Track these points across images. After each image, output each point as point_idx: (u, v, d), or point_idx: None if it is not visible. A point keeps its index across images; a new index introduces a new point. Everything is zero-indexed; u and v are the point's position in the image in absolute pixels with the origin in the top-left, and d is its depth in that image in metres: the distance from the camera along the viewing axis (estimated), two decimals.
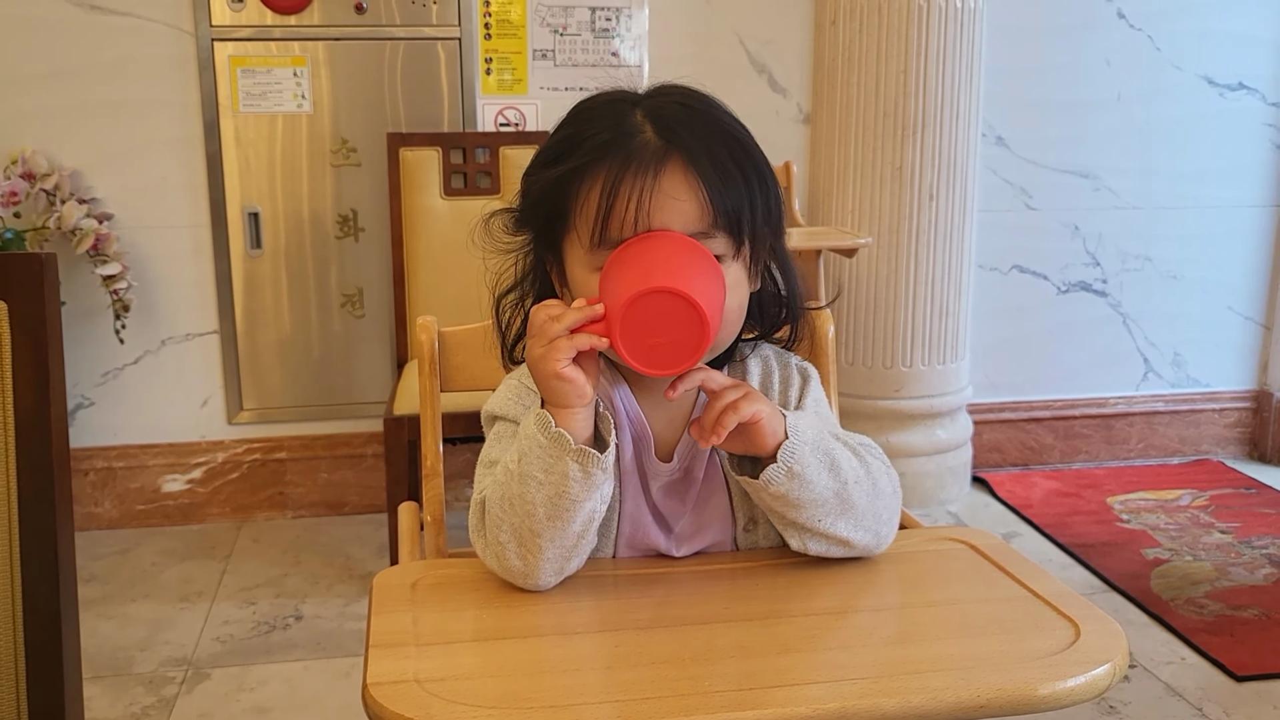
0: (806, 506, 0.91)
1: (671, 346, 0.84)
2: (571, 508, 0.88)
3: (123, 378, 2.87)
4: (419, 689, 0.72)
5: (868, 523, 0.93)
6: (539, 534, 0.89)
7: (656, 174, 0.90)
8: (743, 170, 0.94)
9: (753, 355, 1.05)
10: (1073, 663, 0.75)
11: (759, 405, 0.89)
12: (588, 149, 0.93)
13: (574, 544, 0.90)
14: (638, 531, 0.99)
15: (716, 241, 0.92)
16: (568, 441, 0.88)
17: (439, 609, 0.85)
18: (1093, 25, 3.14)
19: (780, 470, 0.90)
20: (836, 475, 0.92)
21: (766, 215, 0.96)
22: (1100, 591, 2.63)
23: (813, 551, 0.94)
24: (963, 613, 0.86)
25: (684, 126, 0.94)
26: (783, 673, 0.75)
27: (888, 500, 0.95)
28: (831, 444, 0.93)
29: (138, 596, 2.58)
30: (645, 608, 0.89)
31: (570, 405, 0.88)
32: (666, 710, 0.70)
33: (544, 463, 0.88)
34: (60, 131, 2.73)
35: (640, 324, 0.84)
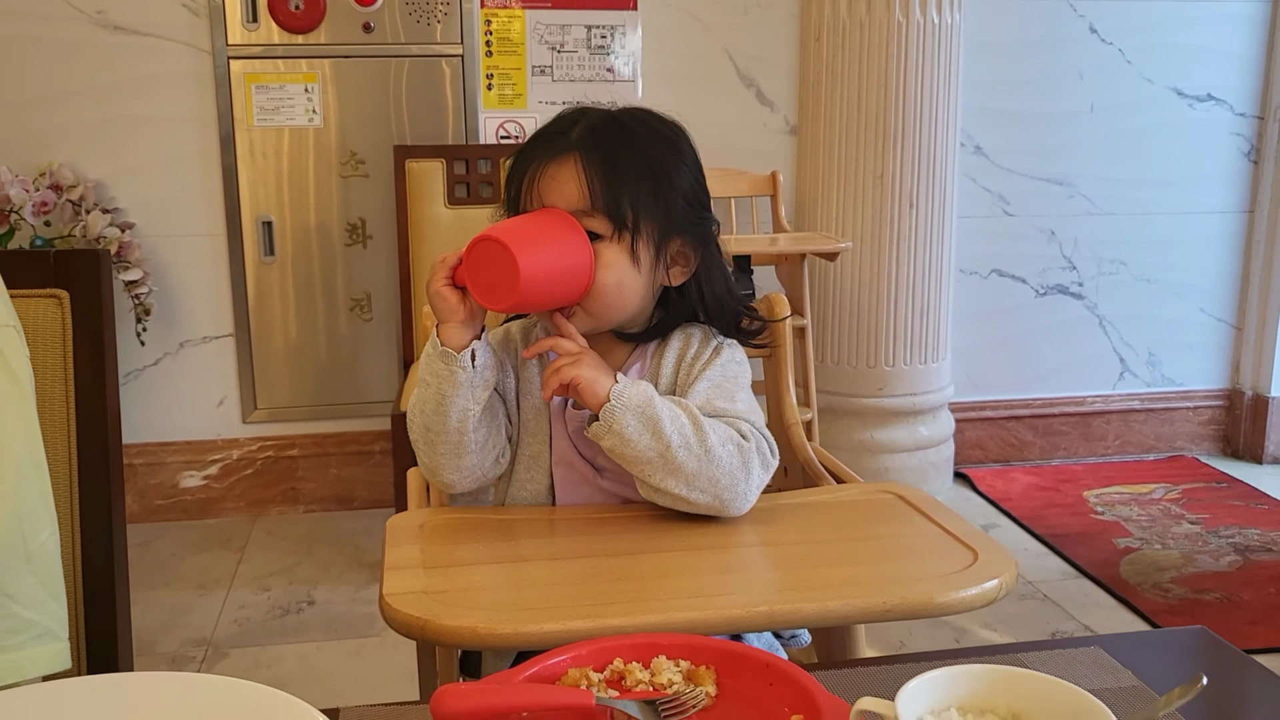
0: (633, 462, 1.08)
1: (497, 285, 1.06)
2: (445, 402, 1.10)
3: (143, 378, 3.02)
4: (426, 598, 0.88)
5: (701, 484, 1.07)
6: (430, 428, 1.12)
7: (550, 161, 1.13)
8: (635, 171, 1.13)
9: (679, 332, 1.22)
10: (968, 579, 0.91)
11: (581, 370, 1.08)
12: (533, 141, 1.17)
13: (457, 440, 1.12)
14: (565, 458, 1.19)
15: (595, 221, 1.12)
16: (438, 345, 1.10)
17: (443, 542, 1.01)
18: (1066, 40, 3.29)
19: (602, 427, 1.08)
20: (658, 438, 1.06)
21: (655, 212, 1.14)
22: (1071, 578, 2.77)
23: (657, 503, 1.10)
24: (882, 545, 1.02)
25: (598, 133, 1.14)
26: (724, 586, 0.92)
27: (726, 469, 1.07)
28: (660, 411, 1.08)
29: (158, 585, 2.73)
30: (616, 541, 1.05)
31: (446, 319, 1.10)
32: (629, 611, 0.86)
33: (428, 366, 1.11)
34: (85, 146, 2.88)
35: (478, 264, 1.07)
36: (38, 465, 0.95)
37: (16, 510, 0.90)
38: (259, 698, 0.71)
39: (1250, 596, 2.62)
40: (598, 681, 0.79)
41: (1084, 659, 0.85)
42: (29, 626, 0.91)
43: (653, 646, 0.82)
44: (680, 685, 0.79)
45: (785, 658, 1.06)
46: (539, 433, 1.19)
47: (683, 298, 1.19)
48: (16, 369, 0.95)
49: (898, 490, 1.13)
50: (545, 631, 0.84)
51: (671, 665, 0.80)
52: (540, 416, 1.19)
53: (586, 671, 0.79)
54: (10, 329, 0.96)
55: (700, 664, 0.81)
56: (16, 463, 0.91)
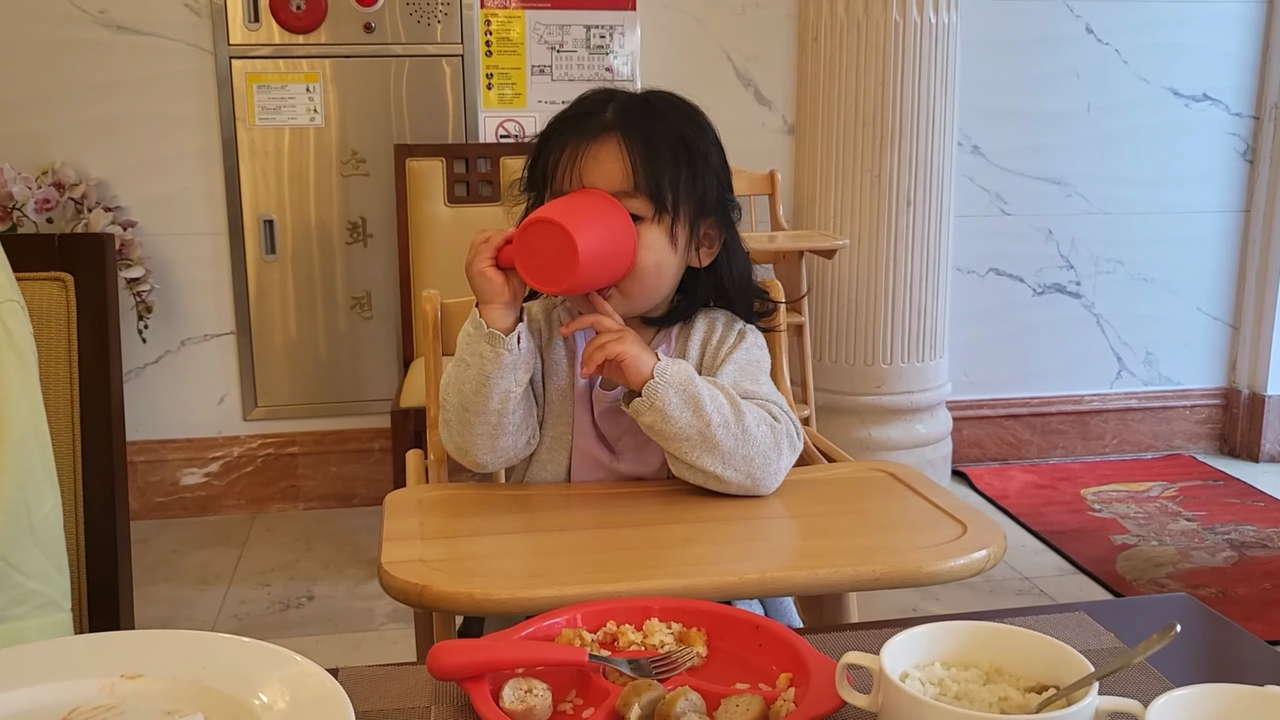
0: (672, 439, 1.09)
1: (551, 267, 1.05)
2: (487, 384, 1.10)
3: (144, 376, 3.04)
4: (424, 566, 0.90)
5: (736, 462, 1.09)
6: (468, 409, 1.11)
7: (592, 141, 1.13)
8: (673, 153, 1.14)
9: (703, 316, 1.24)
10: (956, 550, 0.93)
11: (626, 347, 1.09)
12: (564, 121, 1.16)
13: (497, 421, 1.12)
14: (585, 444, 1.19)
15: (636, 202, 1.12)
16: (484, 326, 1.09)
17: (441, 516, 1.03)
18: (1063, 40, 3.32)
19: (644, 403, 1.08)
20: (699, 415, 1.08)
21: (692, 193, 1.15)
22: (1068, 573, 2.78)
23: (691, 481, 1.11)
24: (873, 518, 1.04)
25: (634, 113, 1.15)
26: (717, 555, 0.94)
27: (760, 448, 1.10)
28: (701, 389, 1.10)
29: (159, 580, 2.74)
30: (610, 514, 1.07)
31: (490, 300, 1.10)
32: (623, 577, 0.88)
33: (470, 347, 1.11)
34: (88, 144, 2.91)
35: (531, 246, 1.06)
36: (41, 438, 0.97)
37: (20, 482, 0.92)
38: (259, 652, 0.73)
39: (1246, 592, 2.64)
40: (591, 642, 0.80)
41: (1068, 623, 0.86)
42: (32, 596, 0.93)
43: (645, 610, 0.83)
44: (671, 646, 0.81)
45: None
46: (563, 415, 1.19)
47: (703, 280, 1.21)
48: (20, 343, 0.96)
49: (889, 468, 1.15)
50: (541, 597, 0.86)
51: (663, 627, 0.82)
52: (565, 399, 1.20)
53: (580, 632, 0.81)
54: (14, 303, 0.97)
55: (691, 626, 0.83)
56: (20, 435, 0.93)
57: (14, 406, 0.93)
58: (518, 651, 0.76)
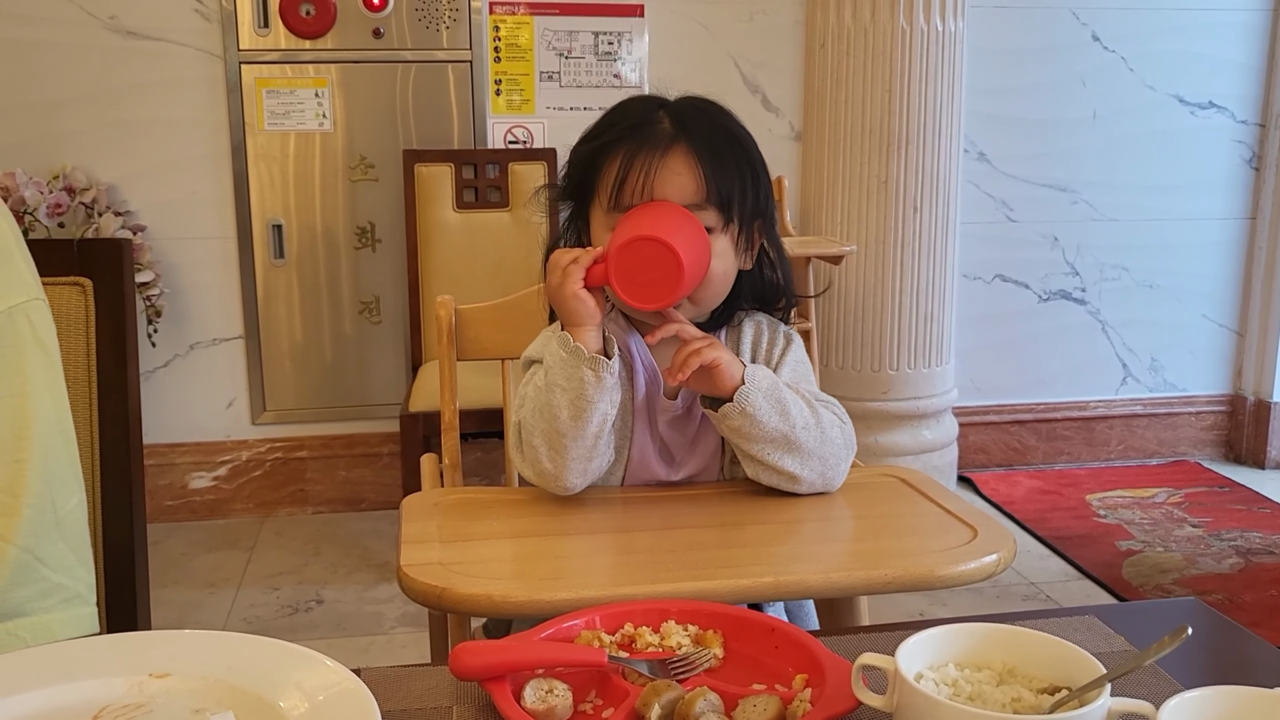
0: (757, 441, 1.10)
1: (653, 284, 1.05)
2: (588, 408, 1.09)
3: (154, 380, 3.05)
4: (442, 568, 0.91)
5: (813, 463, 1.12)
6: (564, 434, 1.09)
7: (664, 153, 1.12)
8: (737, 162, 1.15)
9: (748, 320, 1.26)
10: (967, 554, 0.94)
11: (720, 353, 1.10)
12: (617, 130, 1.15)
13: (592, 444, 1.10)
14: (644, 457, 1.20)
15: (707, 214, 1.13)
16: (582, 352, 1.08)
17: (458, 518, 1.04)
18: (1069, 47, 3.33)
19: (735, 408, 1.09)
20: (785, 419, 1.10)
21: (755, 202, 1.17)
22: (1074, 579, 2.79)
23: (764, 481, 1.13)
24: (884, 522, 1.06)
25: (694, 121, 1.15)
26: (732, 559, 0.95)
27: (835, 448, 1.13)
28: (785, 393, 1.12)
29: (168, 583, 2.75)
30: (625, 518, 1.08)
31: (583, 323, 1.09)
32: (638, 579, 0.89)
33: (565, 371, 1.09)
34: (98, 149, 2.92)
35: (630, 264, 1.05)
36: (66, 434, 0.98)
37: (47, 476, 0.93)
38: (285, 653, 0.74)
39: (1252, 599, 2.64)
40: (609, 643, 0.81)
41: (1078, 626, 0.87)
42: (59, 590, 0.94)
43: (662, 612, 0.84)
44: (688, 647, 0.82)
45: None
46: (621, 429, 1.19)
47: (745, 282, 1.22)
48: (46, 340, 0.98)
49: (900, 473, 1.16)
50: (559, 599, 0.87)
51: (680, 629, 0.83)
52: (625, 412, 1.19)
53: (599, 634, 0.82)
54: (39, 301, 0.99)
55: (708, 628, 0.84)
56: (46, 431, 0.94)
57: (40, 403, 0.95)
58: (538, 652, 0.77)
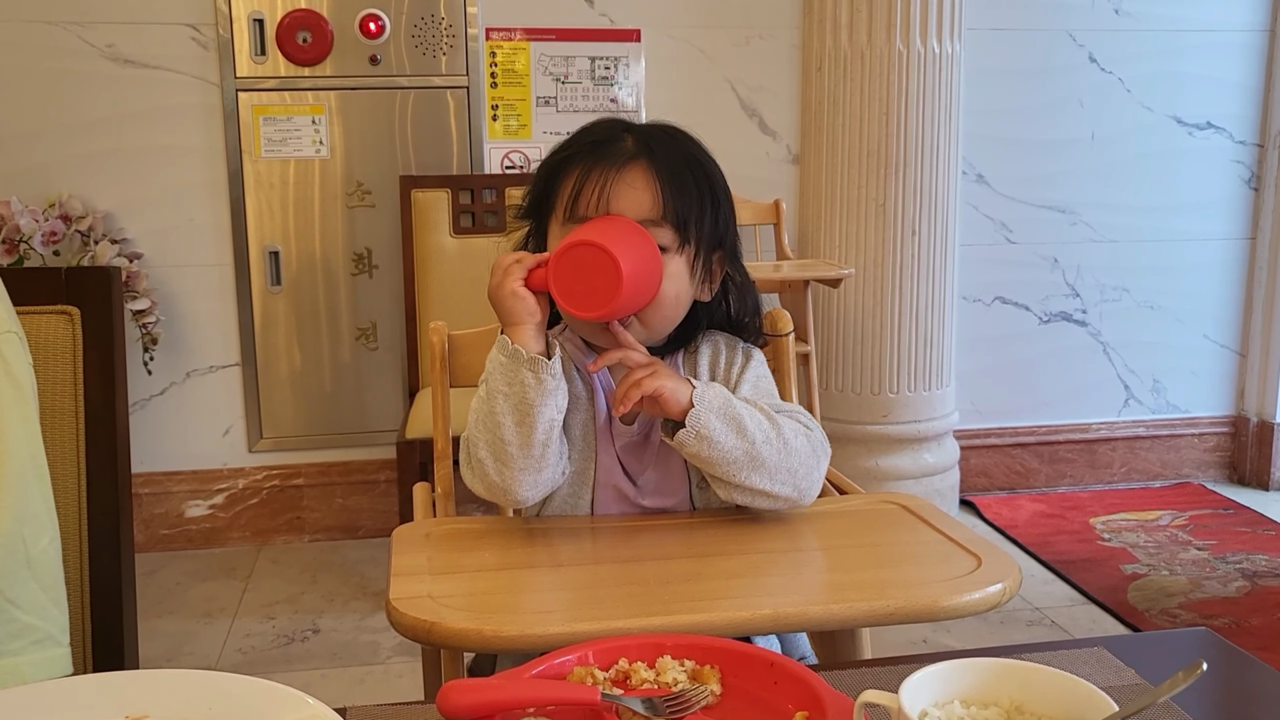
0: (719, 464, 1.08)
1: (593, 293, 1.03)
2: (532, 413, 1.06)
3: (150, 408, 3.03)
4: (431, 602, 0.89)
5: (782, 477, 1.09)
6: (509, 443, 1.06)
7: (622, 168, 1.11)
8: (698, 186, 1.13)
9: (705, 340, 1.23)
10: (972, 584, 0.91)
11: (663, 381, 1.07)
12: (578, 146, 1.14)
13: (540, 454, 1.07)
14: (610, 479, 1.17)
15: (663, 232, 1.11)
16: (521, 354, 1.06)
17: (448, 550, 1.02)
18: (1066, 69, 3.33)
19: (689, 433, 1.07)
20: (743, 436, 1.07)
21: (714, 229, 1.15)
22: (1079, 603, 2.76)
23: (739, 502, 1.11)
24: (886, 551, 1.03)
25: (657, 142, 1.14)
26: (729, 590, 0.93)
27: (802, 458, 1.10)
28: (739, 409, 1.09)
29: (163, 613, 2.72)
30: (620, 548, 1.05)
31: (521, 321, 1.07)
32: (632, 612, 0.87)
33: (505, 376, 1.06)
34: (95, 177, 2.92)
35: (570, 270, 1.03)
36: (39, 470, 0.96)
37: (19, 515, 0.91)
38: (268, 693, 0.72)
39: (1259, 622, 2.61)
40: (603, 680, 0.79)
41: (1088, 659, 0.85)
42: (29, 631, 0.91)
43: (657, 646, 0.82)
44: (685, 684, 0.79)
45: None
46: (585, 449, 1.17)
47: (704, 311, 1.20)
48: (19, 375, 0.96)
49: (901, 500, 1.14)
50: (551, 634, 0.85)
51: (676, 664, 0.81)
52: (587, 433, 1.17)
53: (592, 670, 0.79)
54: (12, 335, 0.97)
55: (705, 663, 0.81)
56: (19, 468, 0.92)
57: (12, 439, 0.93)
58: (529, 690, 0.75)
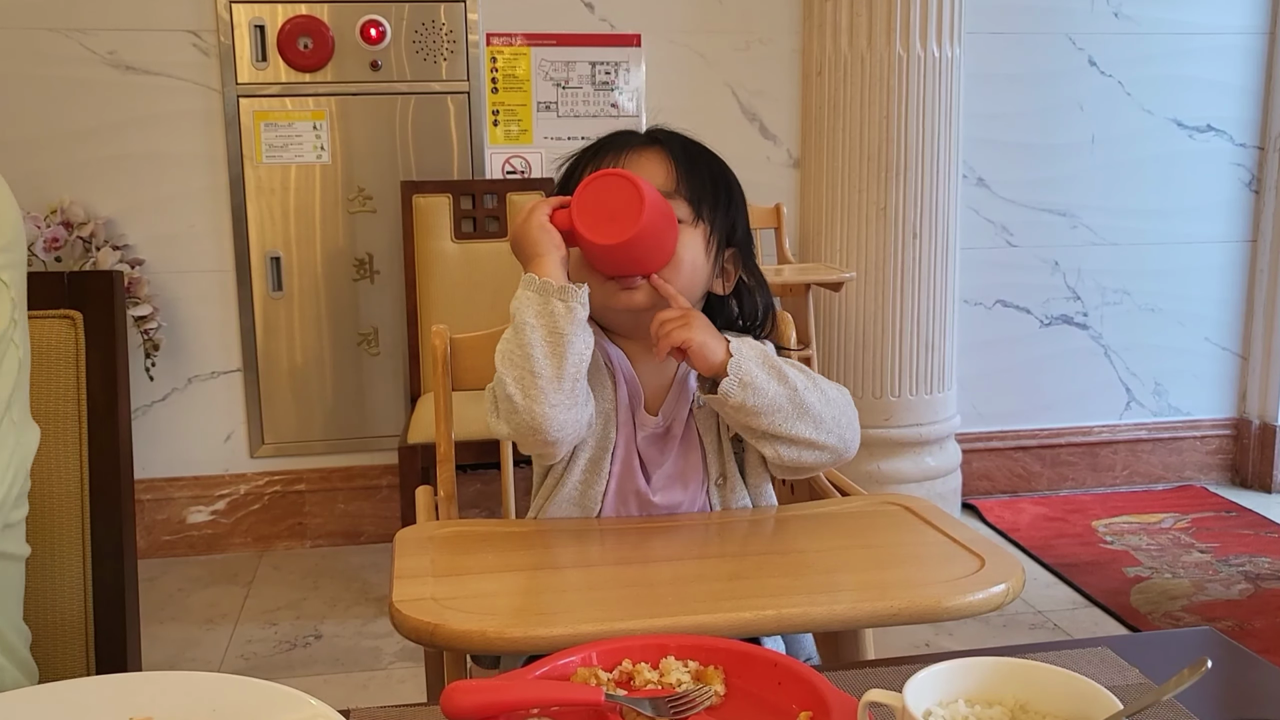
0: (765, 413, 1.09)
1: (614, 220, 1.06)
2: (563, 342, 1.06)
3: (151, 414, 3.03)
4: (435, 604, 0.88)
5: (827, 425, 1.11)
6: (540, 375, 1.06)
7: (637, 149, 1.18)
8: (712, 175, 1.19)
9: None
10: (975, 584, 0.91)
11: (692, 334, 1.08)
12: (596, 143, 1.22)
13: (571, 387, 1.07)
14: (626, 471, 1.17)
15: (678, 205, 1.15)
16: (550, 285, 1.07)
17: (451, 553, 1.02)
18: (1066, 72, 3.33)
19: (733, 382, 1.07)
20: (785, 382, 1.09)
21: (726, 217, 1.19)
22: (1081, 606, 2.75)
23: (787, 459, 1.11)
24: (889, 552, 1.03)
25: (670, 136, 1.21)
26: (732, 591, 0.92)
27: (841, 407, 1.13)
28: (776, 359, 1.12)
29: (165, 619, 2.72)
30: (623, 550, 1.05)
31: (548, 253, 1.09)
32: (636, 613, 0.86)
33: (534, 308, 1.07)
34: (96, 183, 2.92)
35: (592, 202, 1.07)
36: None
37: None
38: (271, 694, 0.72)
39: (1262, 625, 2.61)
40: (606, 681, 0.79)
41: (1092, 658, 0.85)
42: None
43: (661, 647, 0.82)
44: (688, 684, 0.79)
45: None
46: (603, 438, 1.17)
47: (723, 308, 1.24)
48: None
49: (903, 501, 1.14)
50: (554, 635, 0.84)
51: (680, 665, 0.81)
52: (608, 421, 1.18)
53: (595, 671, 0.79)
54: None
55: (708, 664, 0.81)
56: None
57: None
58: (533, 691, 0.75)
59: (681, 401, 1.20)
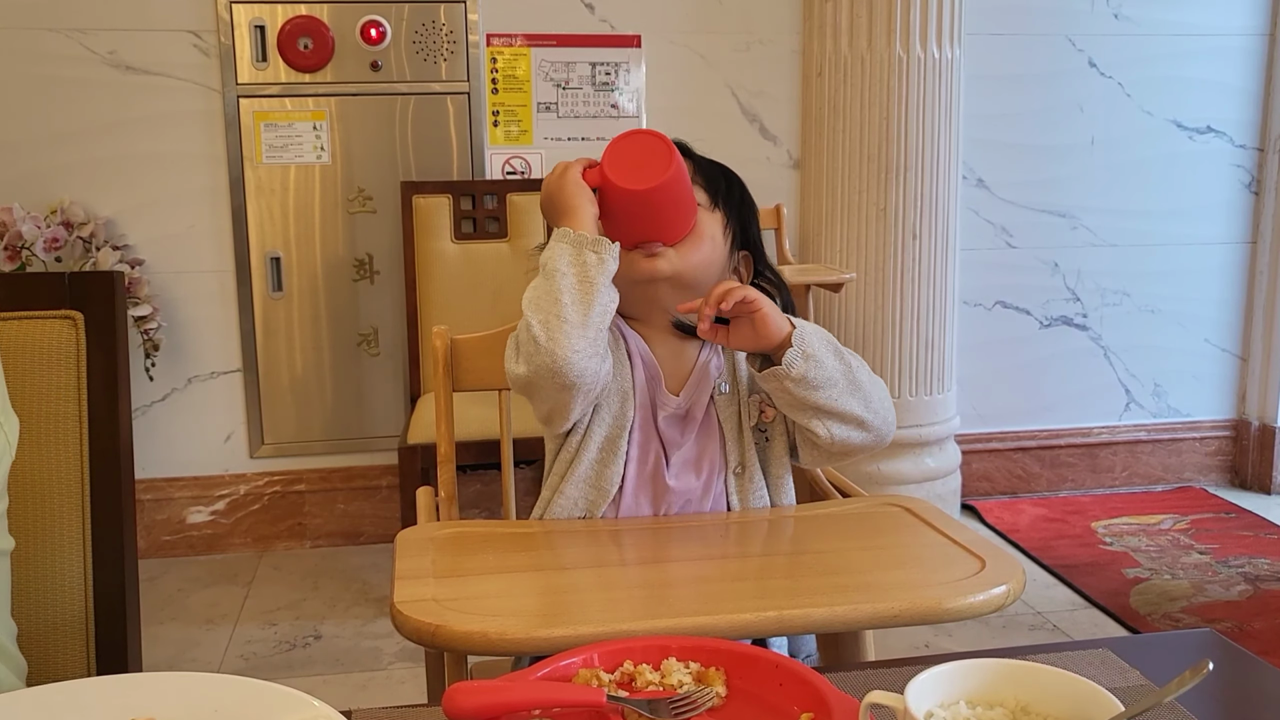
0: (824, 386, 1.11)
1: (643, 168, 1.11)
2: (593, 289, 1.09)
3: (151, 414, 3.03)
4: (436, 605, 0.89)
5: (874, 404, 1.14)
6: (566, 320, 1.08)
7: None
8: (726, 179, 1.23)
9: None
10: (976, 586, 0.91)
11: (761, 298, 1.11)
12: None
13: (595, 335, 1.09)
14: (644, 451, 1.19)
15: (695, 190, 1.19)
16: (585, 237, 1.10)
17: (453, 553, 1.02)
18: (1065, 74, 3.33)
19: (797, 353, 1.10)
20: (841, 358, 1.13)
21: (744, 215, 1.23)
22: (1081, 607, 2.75)
23: (839, 437, 1.13)
24: (890, 553, 1.03)
25: (688, 147, 1.23)
26: (734, 593, 0.93)
27: (884, 391, 1.17)
28: (831, 337, 1.15)
29: (165, 619, 2.72)
30: (624, 551, 1.06)
31: (582, 207, 1.12)
32: (639, 616, 0.86)
33: (568, 257, 1.10)
34: (97, 183, 2.92)
35: (621, 154, 1.12)
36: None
37: None
38: (273, 695, 0.72)
39: (1262, 626, 2.61)
40: (608, 682, 0.79)
41: (1092, 660, 0.85)
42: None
43: (663, 649, 0.82)
44: (690, 686, 0.79)
45: None
46: (620, 419, 1.18)
47: None
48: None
49: (904, 502, 1.14)
50: (556, 636, 0.85)
51: (681, 667, 0.81)
52: (626, 402, 1.19)
53: (597, 672, 0.80)
54: None
55: (710, 665, 0.81)
56: None
57: None
58: (535, 692, 0.75)
59: (703, 387, 1.21)
